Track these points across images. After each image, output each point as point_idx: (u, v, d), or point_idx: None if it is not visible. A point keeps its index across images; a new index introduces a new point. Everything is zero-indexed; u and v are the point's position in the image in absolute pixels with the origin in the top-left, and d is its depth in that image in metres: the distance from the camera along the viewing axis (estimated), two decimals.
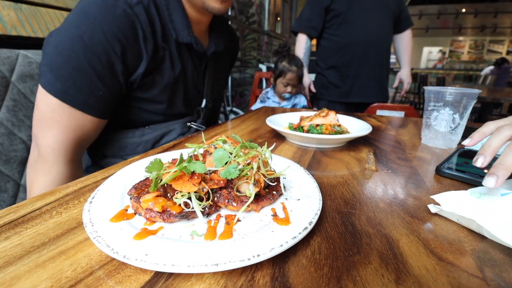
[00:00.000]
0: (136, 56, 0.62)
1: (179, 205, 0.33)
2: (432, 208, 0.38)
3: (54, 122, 0.57)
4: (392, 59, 1.85)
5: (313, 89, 1.71)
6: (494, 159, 0.36)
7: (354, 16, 1.50)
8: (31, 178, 0.61)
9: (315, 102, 1.81)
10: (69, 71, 0.56)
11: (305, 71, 1.69)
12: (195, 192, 0.33)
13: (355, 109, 1.65)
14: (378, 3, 1.49)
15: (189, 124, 0.81)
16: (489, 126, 0.41)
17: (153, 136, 0.74)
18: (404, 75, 1.72)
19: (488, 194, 0.36)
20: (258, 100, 1.86)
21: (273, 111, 1.24)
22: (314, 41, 1.73)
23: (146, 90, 0.69)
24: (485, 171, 0.50)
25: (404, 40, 1.69)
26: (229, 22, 3.22)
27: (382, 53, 1.58)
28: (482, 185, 0.36)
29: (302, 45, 1.66)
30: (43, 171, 0.60)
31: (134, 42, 0.61)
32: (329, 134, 0.70)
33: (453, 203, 0.36)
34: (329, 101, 1.69)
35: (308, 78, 1.70)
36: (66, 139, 0.59)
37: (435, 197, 0.38)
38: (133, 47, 0.61)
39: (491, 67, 6.67)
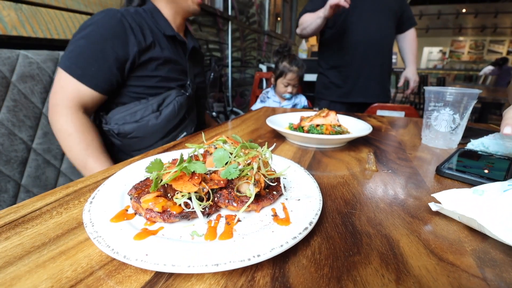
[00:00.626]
0: (125, 42, 0.84)
1: (180, 205, 0.33)
2: (433, 206, 0.38)
3: (60, 88, 0.79)
4: (393, 59, 1.83)
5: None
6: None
7: (356, 16, 1.49)
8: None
9: (316, 102, 1.81)
10: (74, 53, 0.80)
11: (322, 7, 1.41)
12: (195, 192, 0.33)
13: (357, 109, 1.64)
14: (380, 4, 1.49)
15: (182, 91, 1.00)
16: None
17: (156, 100, 0.91)
18: (410, 74, 1.70)
19: (490, 191, 0.36)
20: (259, 100, 1.86)
21: (273, 111, 1.24)
22: (315, 42, 1.71)
23: (146, 66, 0.90)
24: (485, 171, 0.50)
25: (408, 40, 1.68)
26: (229, 22, 3.23)
27: (383, 53, 1.58)
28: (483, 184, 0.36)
29: (308, 15, 1.51)
30: (53, 119, 0.80)
31: (122, 32, 0.84)
32: (329, 134, 0.70)
33: (454, 202, 0.36)
34: (330, 101, 1.69)
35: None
36: (66, 98, 0.79)
37: (436, 195, 0.38)
38: (121, 36, 0.83)
39: (490, 67, 6.66)
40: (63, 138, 0.79)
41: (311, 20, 1.47)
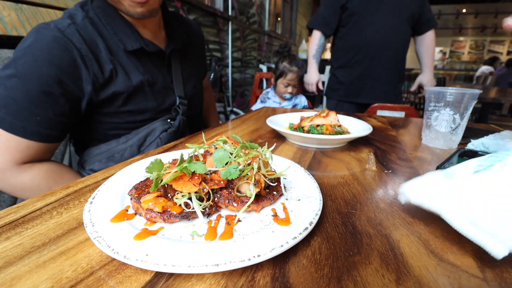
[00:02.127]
0: (76, 76, 0.63)
1: (180, 205, 0.33)
2: (402, 197, 0.36)
3: None
4: None
5: (320, 87, 1.67)
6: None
7: (369, 16, 1.46)
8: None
9: (317, 102, 1.80)
10: (4, 99, 0.56)
11: (314, 67, 1.66)
12: (195, 192, 0.33)
13: (365, 109, 1.62)
14: (397, 4, 1.44)
15: (169, 120, 0.80)
16: None
17: (137, 139, 0.74)
18: (425, 80, 1.62)
19: (460, 173, 0.34)
20: (259, 101, 1.86)
21: (273, 111, 1.24)
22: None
23: (110, 103, 0.70)
24: None
25: (425, 42, 1.61)
26: (229, 22, 3.23)
27: (395, 56, 1.53)
28: None
29: (315, 41, 1.63)
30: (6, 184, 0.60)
31: (71, 64, 0.61)
32: (330, 134, 0.70)
33: (423, 191, 0.34)
34: (338, 101, 1.67)
35: (317, 75, 1.66)
36: (11, 158, 0.58)
37: (405, 185, 0.36)
38: (71, 69, 0.62)
39: (486, 67, 6.65)
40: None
41: (311, 47, 1.66)
